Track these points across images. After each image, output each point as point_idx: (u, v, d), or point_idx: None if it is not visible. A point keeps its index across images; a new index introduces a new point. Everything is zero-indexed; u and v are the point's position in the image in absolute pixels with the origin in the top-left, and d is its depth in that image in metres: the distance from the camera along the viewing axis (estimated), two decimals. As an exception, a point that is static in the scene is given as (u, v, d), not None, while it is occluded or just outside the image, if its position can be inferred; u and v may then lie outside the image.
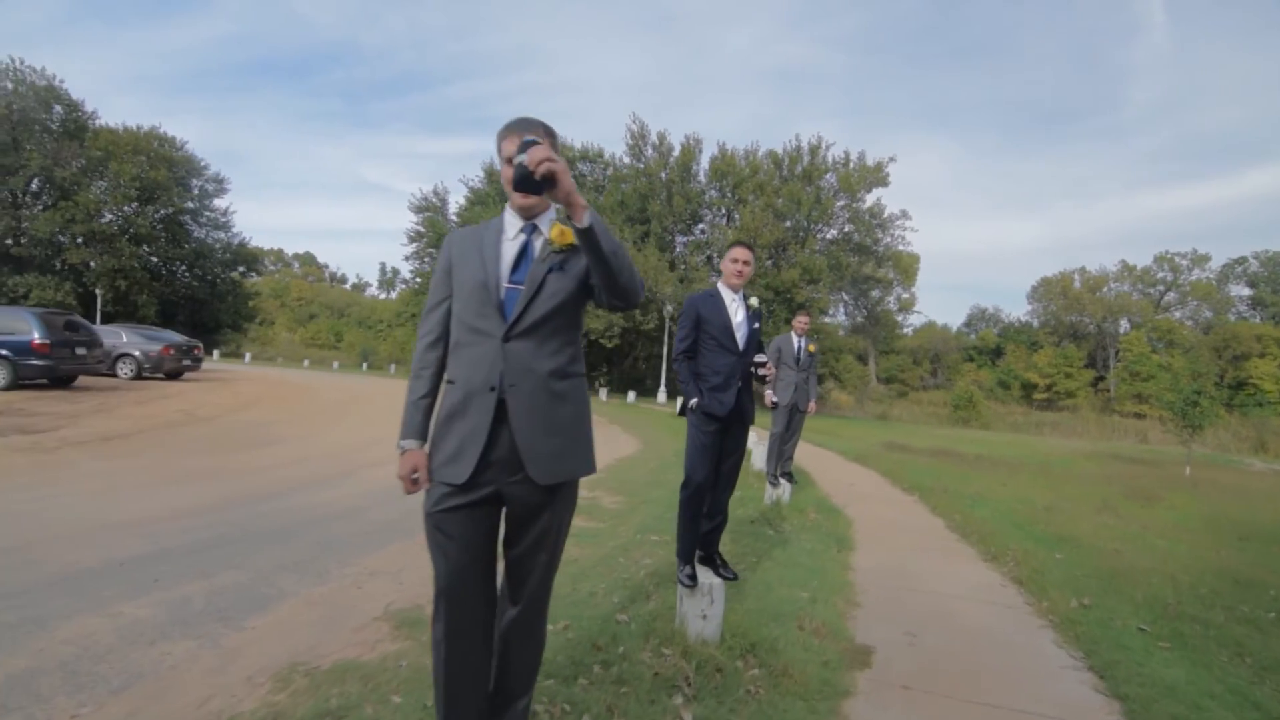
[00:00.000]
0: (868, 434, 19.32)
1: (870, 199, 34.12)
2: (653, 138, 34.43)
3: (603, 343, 30.76)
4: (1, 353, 11.46)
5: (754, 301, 3.42)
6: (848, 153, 33.40)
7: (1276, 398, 43.55)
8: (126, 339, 16.59)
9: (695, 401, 3.29)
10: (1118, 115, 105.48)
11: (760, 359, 3.36)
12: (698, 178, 34.76)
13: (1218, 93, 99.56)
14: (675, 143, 34.34)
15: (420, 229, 39.60)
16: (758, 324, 3.42)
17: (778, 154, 34.07)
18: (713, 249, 33.67)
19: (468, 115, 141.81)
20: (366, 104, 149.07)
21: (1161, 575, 4.71)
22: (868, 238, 34.92)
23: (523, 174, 1.42)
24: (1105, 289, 55.34)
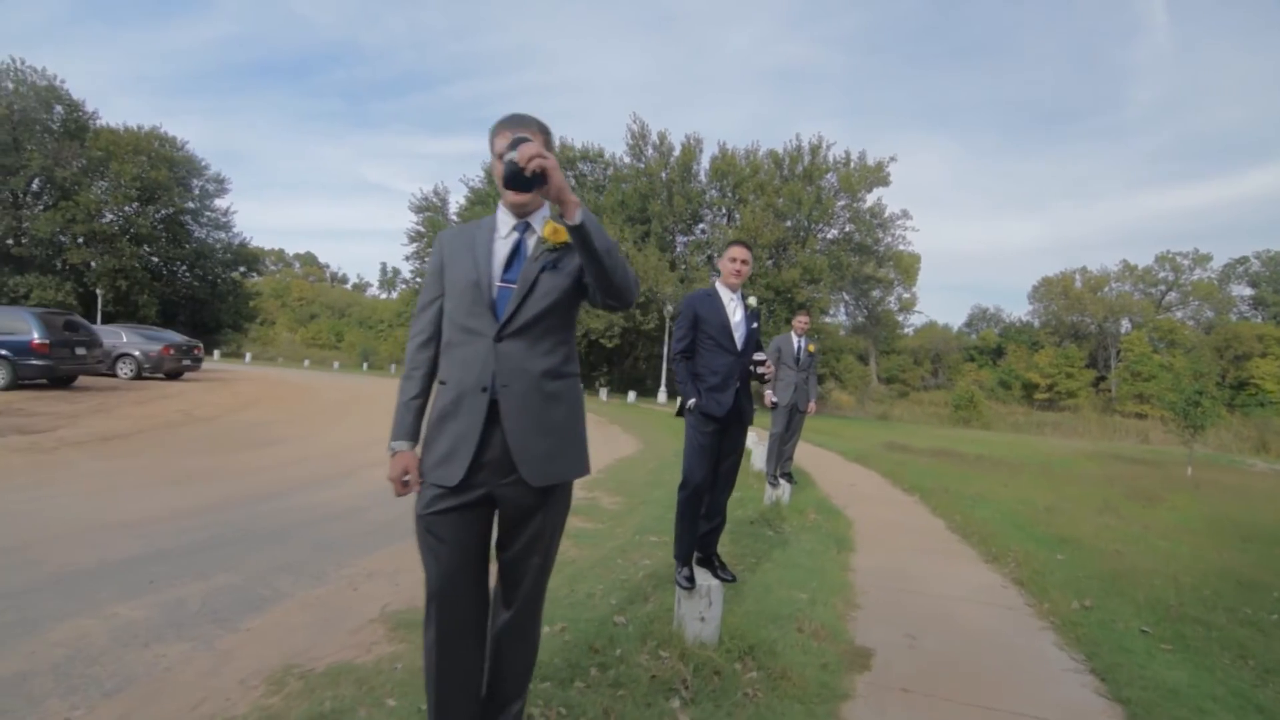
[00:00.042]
0: (868, 434, 19.29)
1: (871, 199, 34.17)
2: (653, 137, 34.47)
3: (603, 343, 30.74)
4: (1, 353, 11.46)
5: (752, 301, 3.40)
6: (848, 152, 33.43)
7: (1278, 398, 43.49)
8: (126, 339, 16.60)
9: (693, 402, 3.26)
10: (1119, 115, 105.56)
11: (759, 357, 3.34)
12: (698, 177, 34.74)
13: (1219, 92, 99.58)
14: (676, 142, 34.39)
15: (420, 229, 39.68)
16: (756, 324, 3.40)
17: (778, 154, 34.04)
18: (713, 249, 33.61)
19: (469, 115, 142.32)
20: (367, 104, 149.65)
21: (1164, 577, 4.69)
22: (868, 237, 34.89)
23: (513, 171, 1.41)
24: (1106, 289, 55.32)
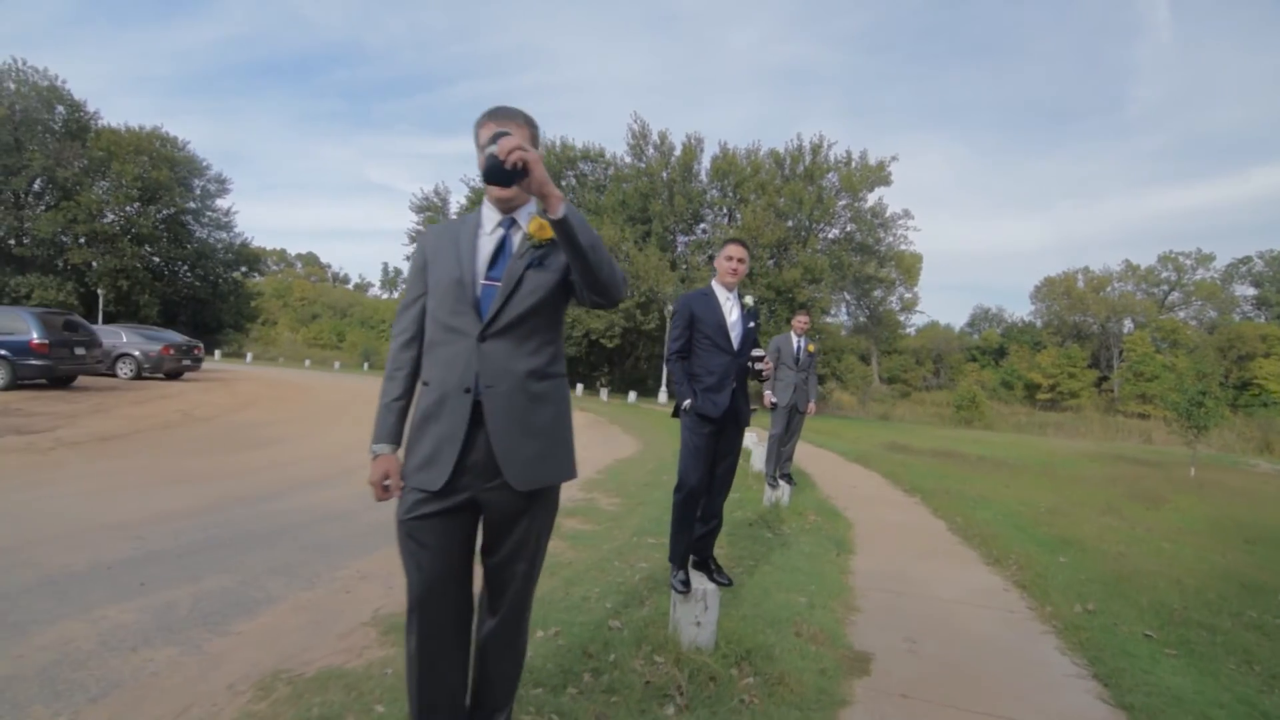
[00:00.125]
0: (869, 434, 19.23)
1: (872, 198, 34.07)
2: (654, 137, 34.37)
3: (604, 343, 30.70)
4: (0, 353, 11.45)
5: (749, 300, 3.35)
6: (849, 152, 33.31)
7: (1281, 398, 43.37)
8: (126, 339, 16.60)
9: (689, 403, 3.22)
10: (1122, 114, 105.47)
11: (758, 353, 3.29)
12: (699, 177, 34.65)
13: (1222, 92, 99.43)
14: (677, 142, 34.29)
15: (421, 229, 39.68)
16: (753, 323, 3.34)
17: (779, 153, 33.95)
18: (714, 249, 33.52)
19: (471, 115, 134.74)
20: (370, 104, 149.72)
21: (1167, 580, 4.64)
22: (870, 237, 34.79)
23: (493, 164, 1.37)
24: (1109, 289, 55.19)
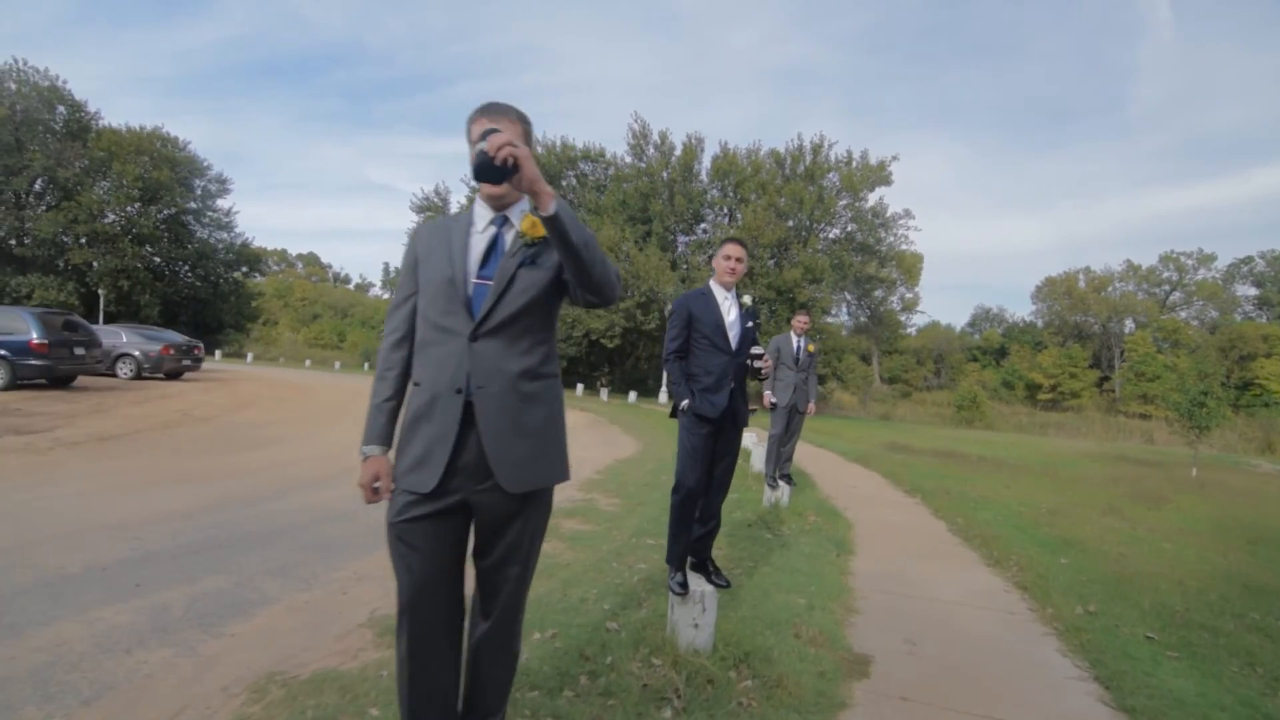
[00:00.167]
0: (870, 435, 19.19)
1: (873, 198, 33.93)
2: (654, 137, 34.26)
3: (604, 343, 30.66)
4: (0, 352, 11.44)
5: (747, 300, 3.33)
6: (850, 152, 33.16)
7: (1283, 398, 43.29)
8: (126, 339, 16.58)
9: (686, 403, 3.20)
10: (1123, 114, 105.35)
11: (757, 351, 3.27)
12: (699, 177, 34.58)
13: (1224, 92, 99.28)
14: (677, 142, 34.18)
15: (421, 229, 39.65)
16: (752, 323, 3.32)
17: (780, 153, 33.85)
18: (714, 248, 33.42)
19: None
20: (370, 104, 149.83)
21: (1169, 581, 4.61)
22: (870, 237, 34.72)
23: (483, 161, 1.35)
24: (1110, 289, 55.10)
